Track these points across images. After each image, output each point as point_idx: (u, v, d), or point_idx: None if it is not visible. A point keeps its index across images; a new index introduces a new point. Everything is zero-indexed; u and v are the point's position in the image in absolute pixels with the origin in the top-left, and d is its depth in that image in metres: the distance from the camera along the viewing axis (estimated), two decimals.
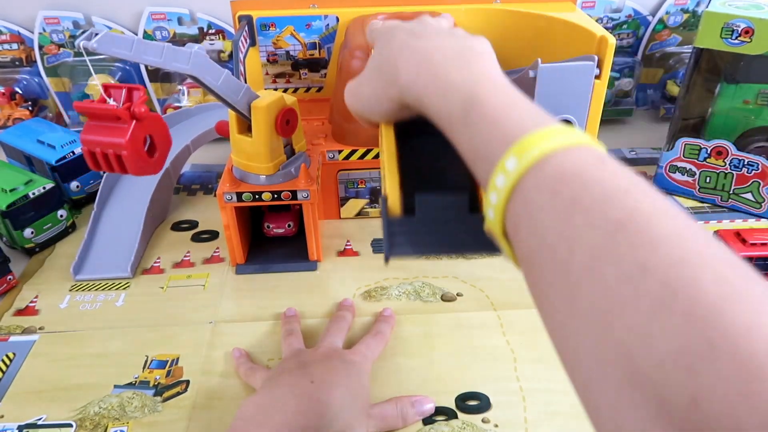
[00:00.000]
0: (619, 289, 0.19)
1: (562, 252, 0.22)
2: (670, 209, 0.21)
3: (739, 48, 0.59)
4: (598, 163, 0.23)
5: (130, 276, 0.60)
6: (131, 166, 0.44)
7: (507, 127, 0.26)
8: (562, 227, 0.22)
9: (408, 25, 0.36)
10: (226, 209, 0.56)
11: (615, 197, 0.21)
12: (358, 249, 0.64)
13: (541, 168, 0.23)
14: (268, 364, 0.50)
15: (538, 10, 0.65)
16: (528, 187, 0.24)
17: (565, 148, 0.24)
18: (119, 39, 0.39)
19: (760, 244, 0.54)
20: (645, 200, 0.21)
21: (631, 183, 0.22)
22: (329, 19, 0.67)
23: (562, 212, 0.22)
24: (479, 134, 0.27)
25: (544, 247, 0.22)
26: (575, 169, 0.23)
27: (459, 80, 0.30)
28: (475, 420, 0.45)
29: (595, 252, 0.20)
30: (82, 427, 0.45)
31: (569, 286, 0.21)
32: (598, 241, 0.21)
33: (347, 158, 0.63)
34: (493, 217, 0.25)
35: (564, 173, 0.23)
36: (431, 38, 0.33)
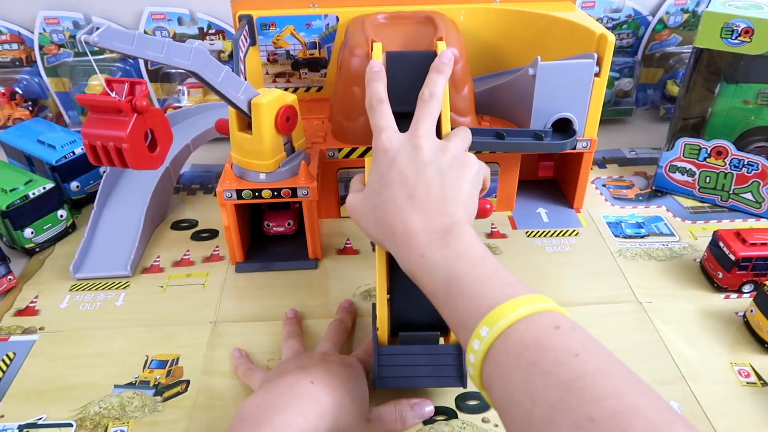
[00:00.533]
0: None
1: (527, 405, 0.27)
2: (611, 366, 0.27)
3: (738, 48, 0.60)
4: (553, 330, 0.29)
5: (130, 274, 0.60)
6: (132, 159, 0.44)
7: (481, 301, 0.32)
8: (526, 386, 0.28)
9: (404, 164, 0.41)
10: (226, 206, 0.56)
11: (566, 361, 0.27)
12: (358, 247, 0.64)
13: (507, 336, 0.30)
14: (268, 365, 0.50)
15: (537, 9, 0.65)
16: (498, 351, 0.30)
17: (527, 316, 0.30)
18: (121, 33, 0.39)
19: (760, 244, 0.54)
20: (591, 361, 0.27)
21: (580, 346, 0.28)
22: (329, 18, 0.67)
23: (525, 373, 0.28)
24: (459, 307, 0.34)
25: (512, 401, 0.28)
26: (534, 336, 0.29)
27: (440, 260, 0.36)
28: (475, 420, 0.45)
29: (552, 406, 0.26)
30: (83, 427, 0.45)
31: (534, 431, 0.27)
32: (554, 398, 0.26)
33: (347, 156, 0.63)
34: (473, 373, 0.32)
35: (525, 341, 0.29)
36: (421, 208, 0.39)
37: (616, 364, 0.28)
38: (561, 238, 0.64)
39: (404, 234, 0.38)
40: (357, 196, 0.44)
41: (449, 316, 0.35)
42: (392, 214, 0.40)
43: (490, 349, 0.30)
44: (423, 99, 0.45)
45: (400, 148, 0.42)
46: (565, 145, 0.58)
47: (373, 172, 0.43)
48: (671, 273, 0.59)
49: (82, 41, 0.37)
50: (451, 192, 0.40)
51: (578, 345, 0.28)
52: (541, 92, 0.58)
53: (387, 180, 0.41)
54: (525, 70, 0.58)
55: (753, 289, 0.55)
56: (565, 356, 0.28)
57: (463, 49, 0.59)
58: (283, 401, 0.38)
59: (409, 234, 0.38)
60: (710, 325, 0.53)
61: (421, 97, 0.45)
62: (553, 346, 0.28)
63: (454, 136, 0.45)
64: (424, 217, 0.38)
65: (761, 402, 0.46)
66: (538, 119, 0.60)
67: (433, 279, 0.36)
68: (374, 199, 0.42)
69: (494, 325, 0.30)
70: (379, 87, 0.47)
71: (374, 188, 0.42)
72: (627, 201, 0.71)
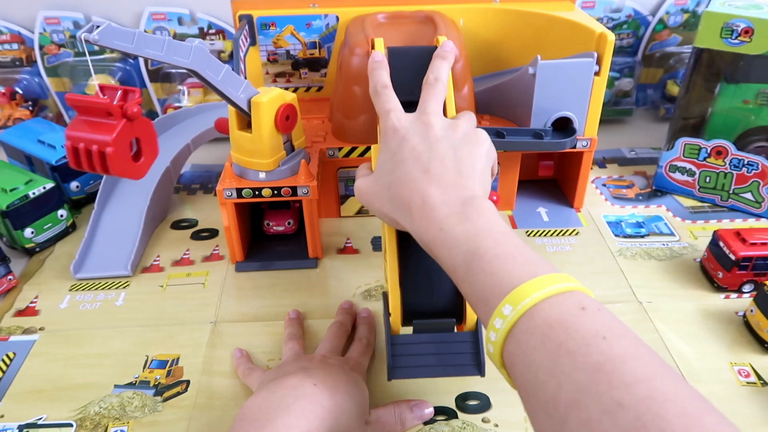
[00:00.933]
0: (600, 420, 0.24)
1: (553, 387, 0.27)
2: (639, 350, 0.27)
3: (738, 48, 0.60)
4: (579, 310, 0.29)
5: (130, 274, 0.60)
6: (114, 165, 0.42)
7: (503, 278, 0.31)
8: (552, 367, 0.27)
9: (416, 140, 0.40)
10: (226, 205, 0.56)
11: (594, 343, 0.27)
12: (359, 247, 0.64)
13: (532, 315, 0.29)
14: (268, 365, 0.50)
15: (537, 9, 0.65)
16: (522, 330, 0.29)
17: (552, 296, 0.29)
18: (121, 32, 0.39)
19: (760, 243, 0.54)
20: (619, 344, 0.27)
21: (608, 329, 0.28)
22: (329, 18, 0.67)
23: (551, 354, 0.27)
24: (480, 284, 0.33)
25: (537, 381, 0.28)
26: (560, 317, 0.28)
27: (461, 234, 0.35)
28: (475, 420, 0.45)
29: (580, 389, 0.26)
30: (83, 427, 0.45)
31: (559, 414, 0.26)
32: (582, 380, 0.26)
33: (347, 156, 0.63)
34: (493, 351, 0.31)
35: (551, 320, 0.28)
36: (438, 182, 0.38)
37: (644, 349, 0.27)
38: (561, 237, 0.64)
39: (422, 206, 0.37)
40: (367, 180, 0.43)
41: (469, 293, 0.34)
42: (409, 189, 0.38)
43: (512, 328, 0.30)
44: (428, 83, 0.44)
45: (409, 126, 0.41)
46: (565, 144, 0.58)
47: (383, 153, 0.42)
48: (671, 273, 0.59)
49: (82, 40, 0.37)
50: (465, 166, 0.39)
51: (605, 327, 0.28)
52: (541, 91, 0.58)
53: (399, 157, 0.40)
54: (525, 69, 0.58)
55: (753, 288, 0.55)
56: (593, 338, 0.27)
57: (463, 49, 0.59)
58: (286, 403, 0.38)
59: (428, 206, 0.37)
60: (710, 324, 0.53)
61: (426, 82, 0.45)
62: (579, 328, 0.28)
63: (461, 117, 0.44)
64: (442, 190, 0.37)
65: (761, 402, 0.46)
66: (538, 118, 0.60)
67: (453, 254, 0.35)
68: (387, 177, 0.40)
69: (518, 304, 0.29)
70: (383, 74, 0.46)
71: (386, 167, 0.41)
72: (627, 201, 0.71)
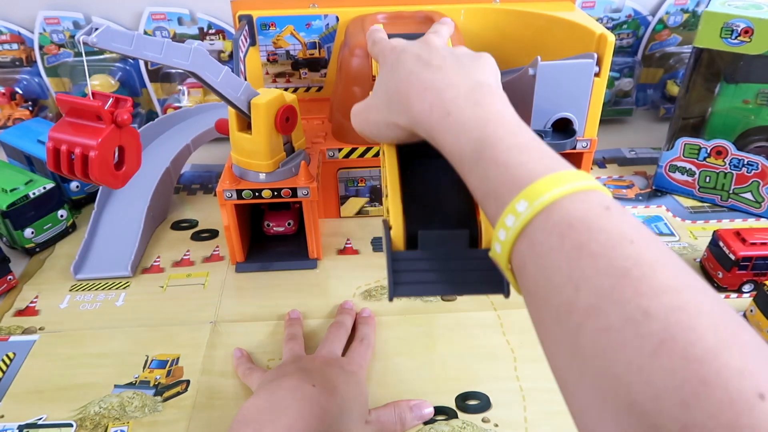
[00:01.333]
0: (622, 329, 0.21)
1: (569, 291, 0.24)
2: (669, 259, 0.24)
3: (738, 48, 0.60)
4: (603, 210, 0.25)
5: (131, 275, 0.60)
6: (95, 170, 0.41)
7: (518, 170, 0.28)
8: (570, 270, 0.24)
9: (415, 49, 0.37)
10: (226, 206, 0.56)
11: (620, 245, 0.24)
12: (359, 247, 0.64)
13: (550, 213, 0.26)
14: (268, 365, 0.50)
15: (537, 9, 0.65)
16: (537, 229, 0.26)
17: (572, 193, 0.26)
18: (119, 34, 0.39)
19: (760, 243, 0.54)
20: (647, 250, 0.24)
21: (635, 232, 0.24)
22: (329, 18, 0.67)
23: (570, 256, 0.24)
24: (490, 176, 0.29)
25: (551, 285, 0.25)
26: (582, 216, 0.25)
27: (471, 120, 0.31)
28: (475, 420, 0.45)
29: (601, 294, 0.23)
30: (83, 427, 0.45)
31: (573, 321, 0.23)
32: (604, 285, 0.23)
33: (347, 156, 0.63)
34: (500, 251, 0.28)
35: (572, 219, 0.25)
36: (441, 70, 0.34)
37: (675, 258, 0.24)
38: None
39: (423, 92, 0.33)
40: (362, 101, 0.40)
41: (477, 185, 0.30)
42: (408, 81, 0.34)
43: (526, 227, 0.26)
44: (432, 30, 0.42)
45: (409, 43, 0.38)
46: (565, 146, 0.58)
47: (381, 72, 0.38)
48: None
49: (80, 42, 0.37)
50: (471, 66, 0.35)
51: (632, 230, 0.25)
52: (541, 92, 0.58)
53: (399, 63, 0.36)
54: (525, 70, 0.58)
55: (753, 288, 0.55)
56: (619, 241, 0.24)
57: None
58: (285, 404, 0.38)
59: (430, 90, 0.33)
60: None
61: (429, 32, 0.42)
62: (603, 228, 0.24)
63: None
64: (447, 75, 0.34)
65: None
66: (538, 119, 0.59)
67: (461, 141, 0.31)
68: (386, 85, 0.37)
69: (535, 200, 0.26)
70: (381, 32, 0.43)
71: (385, 78, 0.37)
72: (627, 201, 0.71)
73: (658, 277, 0.22)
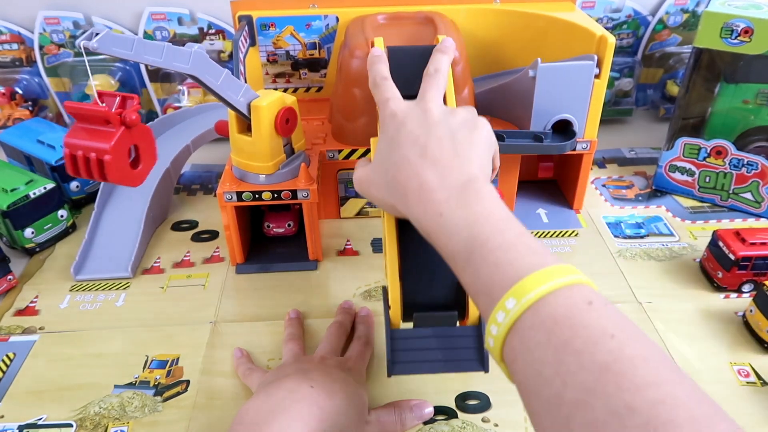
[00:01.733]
0: (608, 422, 0.23)
1: (557, 385, 0.26)
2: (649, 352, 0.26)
3: (738, 48, 0.60)
4: (587, 305, 0.28)
5: (131, 276, 0.60)
6: (112, 172, 0.42)
7: (506, 269, 0.30)
8: (557, 364, 0.26)
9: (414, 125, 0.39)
10: (226, 208, 0.56)
11: (601, 341, 0.26)
12: (358, 248, 0.64)
13: (536, 310, 0.28)
14: (268, 365, 0.50)
15: (537, 10, 0.65)
16: (525, 325, 0.28)
17: (557, 289, 0.28)
18: (120, 39, 0.39)
19: (759, 243, 0.54)
20: (628, 345, 0.26)
21: (616, 326, 0.27)
22: (329, 19, 0.67)
23: (557, 351, 0.26)
24: (481, 274, 0.31)
25: (541, 378, 0.27)
26: (566, 312, 0.27)
27: (461, 220, 0.33)
28: (475, 419, 0.45)
29: (587, 389, 0.25)
30: (83, 427, 0.45)
31: (562, 414, 0.25)
32: (588, 380, 0.25)
33: (347, 158, 0.63)
34: (493, 345, 0.30)
35: (557, 315, 0.27)
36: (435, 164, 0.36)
37: (653, 349, 0.26)
38: (561, 238, 0.64)
39: (419, 190, 0.36)
40: (365, 169, 0.42)
41: (470, 283, 0.33)
42: (405, 172, 0.37)
43: (516, 323, 0.28)
44: (428, 74, 0.44)
45: (408, 111, 0.40)
46: (565, 147, 0.58)
47: (382, 140, 0.41)
48: (671, 273, 0.59)
49: (81, 46, 0.37)
50: (463, 149, 0.38)
51: (613, 325, 0.27)
52: (541, 94, 0.58)
53: (397, 142, 0.39)
54: (525, 72, 0.58)
55: (753, 288, 0.55)
56: (600, 336, 0.26)
57: (463, 51, 0.59)
58: (284, 405, 0.38)
59: (425, 190, 0.36)
60: (710, 325, 0.53)
61: (426, 73, 0.44)
62: (586, 324, 0.27)
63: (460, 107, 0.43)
64: (440, 173, 0.36)
65: (761, 402, 0.46)
66: (538, 120, 0.60)
67: (453, 241, 0.33)
68: (384, 163, 0.40)
69: (522, 297, 0.28)
70: (382, 67, 0.46)
71: (384, 154, 0.40)
72: (627, 201, 0.71)
73: (639, 371, 0.24)
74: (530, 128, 0.60)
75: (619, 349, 0.25)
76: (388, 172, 0.39)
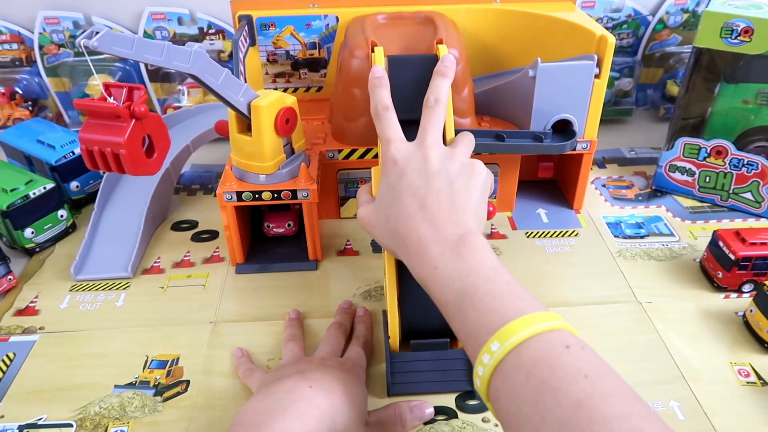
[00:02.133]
0: None
1: (536, 421, 0.28)
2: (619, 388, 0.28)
3: (738, 48, 0.60)
4: (564, 348, 0.30)
5: (130, 276, 0.60)
6: (129, 165, 0.44)
7: (492, 316, 0.33)
8: (536, 402, 0.29)
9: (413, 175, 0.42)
10: (226, 209, 0.56)
11: (575, 381, 0.28)
12: (359, 248, 0.64)
13: (519, 352, 0.31)
14: (268, 364, 0.50)
15: (537, 10, 0.65)
16: (508, 366, 0.31)
17: (538, 334, 0.31)
18: (120, 38, 0.39)
19: (759, 243, 0.54)
20: (599, 382, 0.28)
21: (589, 367, 0.29)
22: (329, 18, 0.67)
23: (535, 390, 0.29)
24: (470, 320, 0.34)
25: (522, 415, 0.29)
26: (545, 354, 0.30)
27: (454, 272, 0.37)
28: (475, 419, 0.45)
29: (561, 424, 0.27)
30: (83, 427, 0.45)
31: None
32: (564, 415, 0.27)
33: (347, 158, 0.63)
34: (480, 385, 0.33)
35: (537, 358, 0.30)
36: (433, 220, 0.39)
37: (623, 387, 0.29)
38: (561, 238, 0.64)
39: (417, 245, 0.39)
40: (368, 208, 0.45)
41: (459, 328, 0.36)
42: (405, 225, 0.40)
43: (500, 364, 0.31)
44: (429, 106, 0.46)
45: (408, 158, 0.43)
46: (565, 147, 0.58)
47: (383, 184, 0.44)
48: (671, 273, 0.59)
49: (81, 45, 0.37)
50: (460, 201, 0.41)
51: (587, 365, 0.29)
52: (541, 94, 0.58)
53: (397, 191, 0.42)
54: (525, 72, 0.58)
55: (753, 288, 0.55)
56: (575, 376, 0.29)
57: (463, 51, 0.59)
58: (282, 406, 0.38)
59: (422, 245, 0.39)
60: (710, 325, 0.53)
61: (426, 104, 0.46)
62: (562, 365, 0.29)
63: (460, 143, 0.46)
64: (436, 227, 0.39)
65: (761, 402, 0.46)
66: (538, 120, 0.60)
67: (446, 291, 0.36)
68: (385, 210, 0.42)
69: (505, 341, 0.31)
70: (384, 94, 0.47)
71: (385, 200, 0.43)
72: (626, 201, 0.71)
73: (608, 406, 0.27)
74: (530, 128, 0.60)
75: (591, 386, 0.28)
76: (390, 221, 0.42)
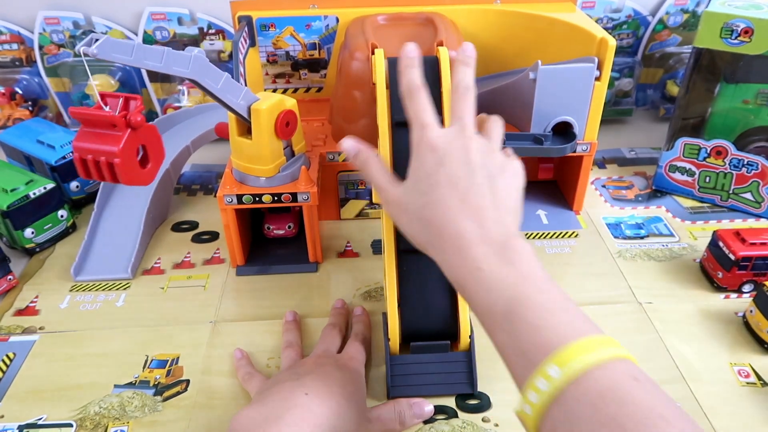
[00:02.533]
0: None
1: None
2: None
3: (738, 48, 0.60)
4: (633, 381, 0.27)
5: (130, 277, 0.60)
6: (123, 175, 0.43)
7: (548, 333, 0.29)
8: None
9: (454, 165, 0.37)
10: (227, 211, 0.56)
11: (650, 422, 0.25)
12: (359, 250, 0.64)
13: (582, 382, 0.27)
14: (267, 364, 0.50)
15: (538, 10, 0.65)
16: (570, 397, 0.27)
17: (603, 362, 0.27)
18: (119, 44, 0.39)
19: (759, 243, 0.54)
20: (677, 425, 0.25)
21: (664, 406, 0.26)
22: (329, 19, 0.67)
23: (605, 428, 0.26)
24: (521, 335, 0.31)
25: None
26: (612, 386, 0.27)
27: (504, 278, 0.33)
28: (475, 419, 0.45)
29: None
30: (83, 427, 0.45)
31: None
32: None
33: (347, 160, 0.62)
34: (531, 413, 0.29)
35: (603, 389, 0.27)
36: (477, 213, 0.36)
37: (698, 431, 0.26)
38: (561, 239, 0.64)
39: (456, 239, 0.35)
40: (397, 192, 0.40)
41: (504, 341, 0.32)
42: (443, 216, 0.36)
43: (559, 394, 0.27)
44: (459, 92, 0.41)
45: (448, 148, 0.38)
46: (566, 149, 0.58)
47: (416, 169, 0.39)
48: (671, 273, 0.59)
49: (81, 52, 0.37)
50: (502, 200, 0.37)
51: (661, 404, 0.26)
52: (542, 96, 0.58)
53: (435, 180, 0.37)
54: (525, 74, 0.58)
55: (753, 289, 0.55)
56: (649, 415, 0.25)
57: None
58: (277, 414, 0.38)
59: (463, 240, 0.35)
60: (710, 325, 0.53)
61: (456, 90, 0.42)
62: (633, 401, 0.26)
63: (493, 132, 0.42)
64: (479, 224, 0.35)
65: (761, 402, 0.46)
66: (538, 123, 0.59)
67: (492, 297, 0.33)
68: (419, 198, 0.38)
69: (565, 365, 0.28)
70: (415, 73, 0.42)
71: (419, 187, 0.38)
72: (626, 202, 0.71)
73: None
74: (530, 130, 0.60)
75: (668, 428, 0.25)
76: (424, 209, 0.37)
